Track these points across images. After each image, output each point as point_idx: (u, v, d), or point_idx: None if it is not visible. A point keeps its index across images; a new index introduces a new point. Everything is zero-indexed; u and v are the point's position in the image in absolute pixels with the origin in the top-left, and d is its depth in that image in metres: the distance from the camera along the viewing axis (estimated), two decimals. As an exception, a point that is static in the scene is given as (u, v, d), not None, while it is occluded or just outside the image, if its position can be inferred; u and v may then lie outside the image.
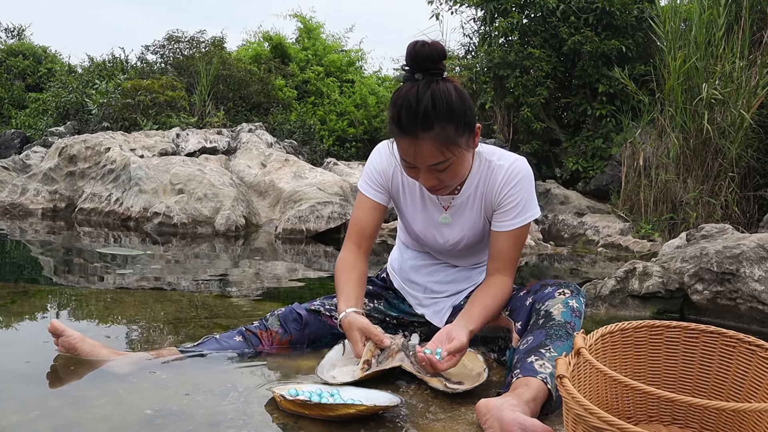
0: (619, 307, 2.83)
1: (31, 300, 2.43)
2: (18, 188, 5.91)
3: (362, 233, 1.69)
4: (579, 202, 6.48)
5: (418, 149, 1.41)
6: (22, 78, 12.99)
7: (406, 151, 1.44)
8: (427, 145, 1.40)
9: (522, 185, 1.59)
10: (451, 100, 1.39)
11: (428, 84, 1.39)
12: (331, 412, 1.25)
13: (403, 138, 1.42)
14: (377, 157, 1.70)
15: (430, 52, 1.39)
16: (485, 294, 1.58)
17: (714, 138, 5.15)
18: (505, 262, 1.61)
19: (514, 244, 1.62)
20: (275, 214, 5.72)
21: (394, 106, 1.41)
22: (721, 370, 1.24)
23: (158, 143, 6.54)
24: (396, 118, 1.41)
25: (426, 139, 1.39)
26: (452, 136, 1.41)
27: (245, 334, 1.68)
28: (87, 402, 1.31)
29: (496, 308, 1.58)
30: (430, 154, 1.41)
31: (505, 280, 1.61)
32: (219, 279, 3.30)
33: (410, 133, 1.40)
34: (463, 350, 1.45)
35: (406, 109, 1.38)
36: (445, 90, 1.39)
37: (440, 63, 1.41)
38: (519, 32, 7.29)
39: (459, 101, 1.41)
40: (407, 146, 1.43)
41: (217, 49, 9.62)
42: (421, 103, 1.37)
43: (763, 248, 2.70)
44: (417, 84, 1.39)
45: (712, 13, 5.32)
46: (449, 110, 1.39)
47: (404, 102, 1.39)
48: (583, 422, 0.96)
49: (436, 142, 1.40)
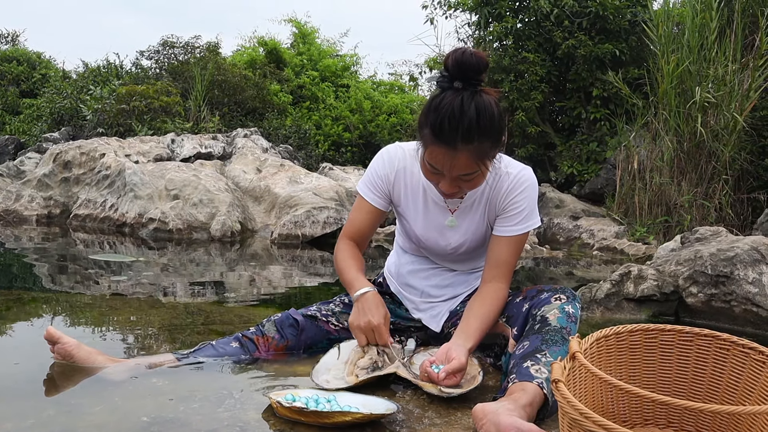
0: (614, 311, 2.84)
1: (25, 307, 2.42)
2: (12, 195, 5.89)
3: (357, 234, 1.74)
4: (574, 206, 6.50)
5: (454, 161, 1.41)
6: (16, 84, 12.95)
7: (440, 160, 1.43)
8: (463, 157, 1.40)
9: (527, 194, 1.62)
10: (494, 116, 1.40)
11: (472, 96, 1.38)
12: (327, 420, 1.25)
13: (440, 147, 1.41)
14: (380, 162, 1.70)
15: (475, 62, 1.37)
16: (482, 305, 1.58)
17: (707, 141, 5.18)
18: (502, 269, 1.62)
19: (513, 251, 1.63)
20: (271, 219, 5.71)
21: (435, 113, 1.39)
22: (715, 373, 1.24)
23: (153, 149, 6.53)
24: (437, 127, 1.39)
25: (464, 152, 1.40)
26: (488, 150, 1.43)
27: (242, 340, 1.68)
28: (82, 409, 1.31)
29: (493, 318, 1.59)
30: (465, 166, 1.42)
31: (501, 287, 1.61)
32: (215, 285, 3.29)
33: (449, 143, 1.39)
34: (462, 370, 1.44)
35: (450, 119, 1.37)
36: (489, 105, 1.39)
37: (482, 74, 1.40)
38: (513, 36, 7.32)
39: (499, 118, 1.42)
40: (442, 155, 1.42)
41: (212, 55, 9.61)
42: (465, 116, 1.36)
43: (756, 251, 2.72)
44: (461, 95, 1.38)
45: (705, 17, 5.36)
46: (491, 126, 1.39)
47: (447, 111, 1.37)
48: (578, 426, 0.97)
49: (473, 155, 1.41)
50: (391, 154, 1.69)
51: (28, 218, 5.67)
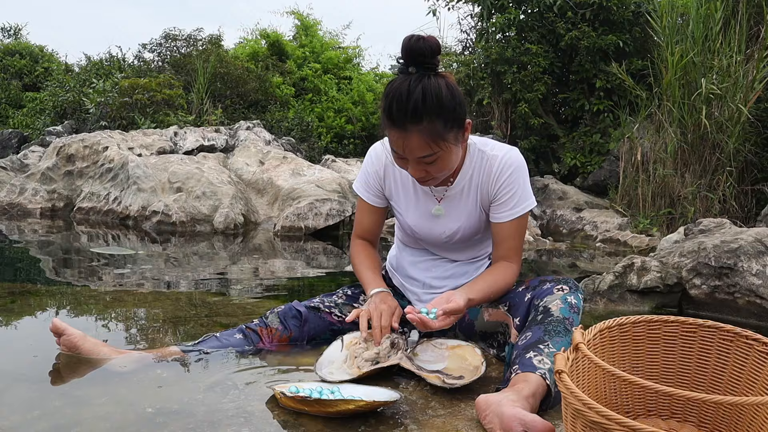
0: (617, 302, 2.84)
1: (30, 299, 2.43)
2: (16, 188, 5.90)
3: (366, 232, 1.81)
4: (577, 198, 6.49)
5: (407, 141, 1.44)
6: (19, 77, 12.95)
7: (396, 143, 1.47)
8: (415, 137, 1.43)
9: (517, 175, 1.62)
10: (441, 96, 1.42)
11: (420, 78, 1.41)
12: (330, 408, 1.26)
13: (393, 129, 1.45)
14: (368, 161, 1.76)
15: (424, 46, 1.41)
16: (490, 274, 1.64)
17: (711, 132, 5.15)
18: (509, 250, 1.65)
19: (516, 233, 1.65)
20: (274, 211, 5.72)
21: (386, 98, 1.44)
22: (718, 364, 1.24)
23: (156, 142, 6.53)
24: (387, 110, 1.44)
25: (414, 132, 1.42)
26: (440, 130, 1.44)
27: (245, 331, 1.69)
28: (88, 401, 1.32)
29: (500, 288, 1.62)
30: (418, 147, 1.44)
31: (511, 266, 1.65)
32: (218, 277, 3.30)
33: (400, 125, 1.43)
34: (458, 312, 1.49)
35: (397, 102, 1.41)
36: (435, 85, 1.42)
37: (434, 58, 1.43)
38: (516, 28, 7.28)
39: (449, 97, 1.43)
40: (396, 138, 1.46)
41: (215, 47, 9.60)
42: (411, 97, 1.40)
43: (760, 242, 2.71)
44: (410, 78, 1.42)
45: (709, 7, 5.32)
46: (438, 105, 1.41)
47: (395, 94, 1.42)
48: (582, 417, 0.97)
49: (424, 135, 1.43)
50: (377, 151, 1.74)
51: (32, 211, 5.68)
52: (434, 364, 1.55)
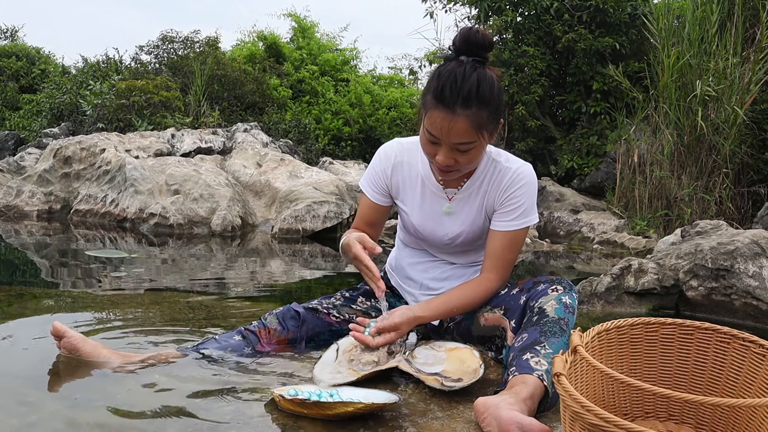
0: (614, 304, 2.84)
1: (28, 302, 2.43)
2: (13, 190, 5.89)
3: (363, 225, 1.80)
4: (574, 200, 6.51)
5: (452, 123, 1.45)
6: (15, 79, 12.92)
7: (438, 124, 1.46)
8: (461, 122, 1.44)
9: (526, 189, 1.63)
10: (494, 88, 1.46)
11: (475, 67, 1.45)
12: (329, 411, 1.26)
13: (439, 110, 1.45)
14: (377, 159, 1.76)
15: (482, 39, 1.45)
16: (459, 288, 1.64)
17: (708, 134, 5.18)
18: (495, 262, 1.64)
19: (509, 246, 1.64)
20: (271, 213, 5.72)
21: (438, 79, 1.46)
22: (716, 366, 1.25)
23: (153, 144, 6.52)
24: (438, 90, 1.44)
25: (462, 116, 1.44)
26: (484, 121, 1.46)
27: (244, 333, 1.69)
28: (87, 404, 1.32)
29: (467, 303, 1.62)
30: (462, 132, 1.46)
31: (490, 278, 1.64)
32: (216, 280, 3.30)
33: (449, 106, 1.44)
34: (393, 330, 1.51)
35: (452, 84, 1.43)
36: (490, 77, 1.46)
37: (487, 52, 1.48)
38: (513, 30, 7.31)
39: (499, 91, 1.48)
40: (441, 119, 1.45)
41: (212, 49, 9.59)
42: (467, 82, 1.42)
43: (757, 244, 2.72)
44: (465, 64, 1.45)
45: (705, 10, 5.34)
46: (490, 96, 1.45)
47: (450, 76, 1.44)
48: (580, 419, 0.98)
49: (470, 121, 1.44)
50: (387, 150, 1.75)
51: (29, 214, 5.67)
52: (433, 367, 1.55)
